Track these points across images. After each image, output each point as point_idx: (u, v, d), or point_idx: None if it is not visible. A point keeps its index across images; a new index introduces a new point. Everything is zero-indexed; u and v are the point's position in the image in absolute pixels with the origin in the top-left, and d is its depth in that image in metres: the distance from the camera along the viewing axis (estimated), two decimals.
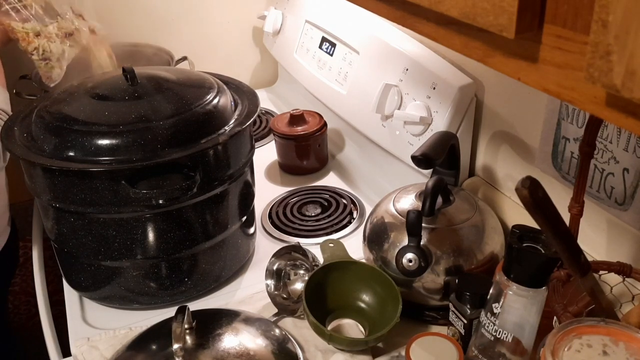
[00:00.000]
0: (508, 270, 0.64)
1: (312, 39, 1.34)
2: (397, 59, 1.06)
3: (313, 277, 0.82)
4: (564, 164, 0.82)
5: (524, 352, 0.67)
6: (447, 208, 0.85)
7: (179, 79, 0.91)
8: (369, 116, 1.11)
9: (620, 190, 0.74)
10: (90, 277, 0.89)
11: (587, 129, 0.70)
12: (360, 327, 0.84)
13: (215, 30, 1.58)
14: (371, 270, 0.85)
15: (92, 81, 0.91)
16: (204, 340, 0.76)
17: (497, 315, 0.66)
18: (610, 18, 0.29)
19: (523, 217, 0.75)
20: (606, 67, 0.30)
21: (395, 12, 0.50)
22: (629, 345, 0.56)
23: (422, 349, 0.71)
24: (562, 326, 0.58)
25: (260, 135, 1.42)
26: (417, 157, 0.81)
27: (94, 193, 0.78)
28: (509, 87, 0.91)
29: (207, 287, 0.92)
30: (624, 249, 0.77)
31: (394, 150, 1.08)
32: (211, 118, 0.84)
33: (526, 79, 0.38)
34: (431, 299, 0.83)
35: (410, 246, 0.77)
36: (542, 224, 0.52)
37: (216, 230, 0.89)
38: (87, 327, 0.88)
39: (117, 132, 0.78)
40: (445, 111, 0.96)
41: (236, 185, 0.90)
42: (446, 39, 0.45)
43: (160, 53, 1.37)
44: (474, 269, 0.81)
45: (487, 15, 0.37)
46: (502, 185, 0.98)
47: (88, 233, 0.83)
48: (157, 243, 0.84)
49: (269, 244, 1.04)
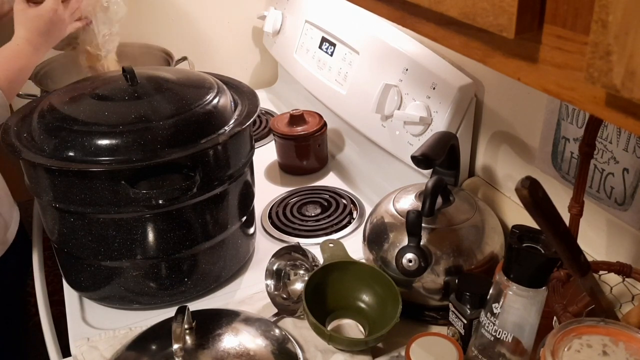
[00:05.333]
0: (508, 270, 0.64)
1: (312, 39, 1.34)
2: (397, 59, 1.06)
3: (313, 277, 0.82)
4: (563, 164, 0.82)
5: (523, 352, 0.67)
6: (447, 208, 0.85)
7: (179, 79, 0.91)
8: (368, 116, 1.11)
9: (620, 190, 0.74)
10: (90, 277, 0.89)
11: (587, 129, 0.70)
12: (360, 327, 0.84)
13: (215, 30, 1.58)
14: (371, 271, 0.85)
15: (92, 81, 0.91)
16: (204, 341, 0.76)
17: (497, 315, 0.66)
18: (610, 18, 0.29)
19: (523, 217, 0.75)
20: (606, 67, 0.30)
21: (395, 12, 0.50)
22: (629, 345, 0.56)
23: (422, 349, 0.71)
24: (562, 326, 0.58)
25: (260, 135, 1.42)
26: (417, 157, 0.81)
27: (94, 193, 0.78)
28: (509, 87, 0.90)
29: (207, 287, 0.92)
30: (624, 249, 0.77)
31: (394, 150, 1.08)
32: (211, 118, 0.84)
33: (526, 79, 0.38)
34: (431, 299, 0.83)
35: (410, 246, 0.78)
36: (542, 224, 0.52)
37: (216, 231, 0.89)
38: (87, 327, 0.88)
39: (117, 132, 0.78)
40: (445, 111, 0.96)
41: (236, 186, 0.90)
42: (446, 39, 0.45)
43: (160, 53, 1.37)
44: (474, 269, 0.81)
45: (487, 16, 0.37)
46: (502, 185, 0.98)
47: (88, 233, 0.83)
48: (157, 243, 0.84)
49: (269, 244, 1.04)
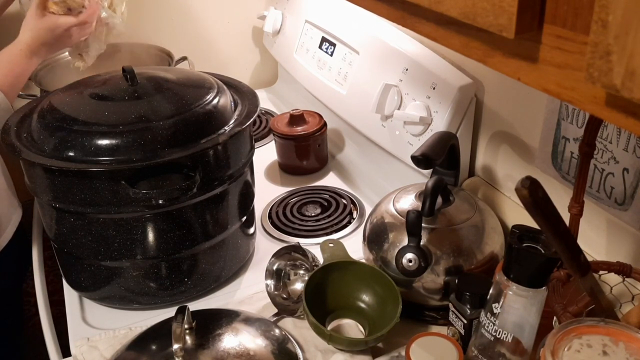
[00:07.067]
0: (508, 270, 0.64)
1: (312, 39, 1.34)
2: (397, 59, 1.06)
3: (313, 277, 0.82)
4: (563, 164, 0.82)
5: (523, 352, 0.67)
6: (447, 208, 0.85)
7: (178, 79, 0.91)
8: (368, 116, 1.11)
9: (620, 190, 0.74)
10: (90, 277, 0.89)
11: (587, 129, 0.70)
12: (360, 327, 0.84)
13: (215, 30, 1.58)
14: (371, 270, 0.85)
15: (92, 81, 0.91)
16: (204, 341, 0.76)
17: (497, 315, 0.66)
18: (610, 18, 0.29)
19: (523, 217, 0.75)
20: (606, 67, 0.30)
21: (395, 12, 0.50)
22: (629, 345, 0.56)
23: (422, 349, 0.71)
24: (562, 326, 0.58)
25: (260, 135, 1.42)
26: (417, 157, 0.81)
27: (94, 193, 0.78)
28: (509, 87, 0.90)
29: (207, 287, 0.92)
30: (624, 249, 0.77)
31: (394, 150, 1.08)
32: (211, 118, 0.84)
33: (526, 79, 0.38)
34: (431, 299, 0.83)
35: (410, 246, 0.78)
36: (542, 224, 0.52)
37: (216, 231, 0.89)
38: (87, 327, 0.88)
39: (117, 132, 0.78)
40: (445, 111, 0.96)
41: (236, 186, 0.90)
42: (446, 39, 0.45)
43: (160, 53, 1.37)
44: (474, 269, 0.81)
45: (487, 16, 0.37)
46: (502, 185, 0.98)
47: (88, 233, 0.83)
48: (157, 243, 0.84)
49: (269, 244, 1.04)
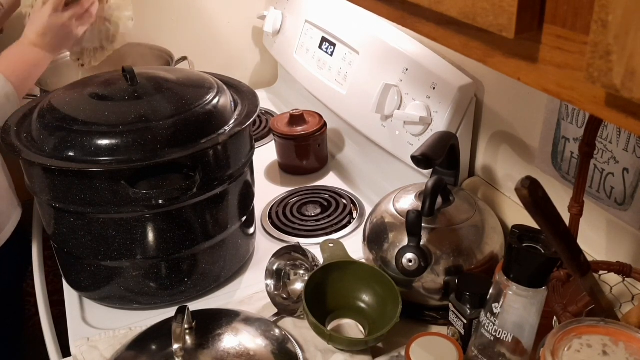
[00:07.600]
0: (508, 270, 0.64)
1: (312, 39, 1.34)
2: (397, 59, 1.06)
3: (313, 277, 0.82)
4: (563, 164, 0.82)
5: (523, 352, 0.67)
6: (447, 208, 0.85)
7: (178, 79, 0.91)
8: (368, 116, 1.11)
9: (620, 190, 0.74)
10: (90, 277, 0.89)
11: (587, 129, 0.70)
12: (360, 327, 0.84)
13: (215, 30, 1.58)
14: (371, 270, 0.85)
15: (92, 81, 0.91)
16: (204, 341, 0.76)
17: (497, 315, 0.66)
18: (610, 18, 0.29)
19: (523, 217, 0.76)
20: (606, 67, 0.30)
21: (395, 12, 0.50)
22: (629, 345, 0.56)
23: (422, 349, 0.71)
24: (562, 326, 0.58)
25: (260, 135, 1.42)
26: (417, 157, 0.81)
27: (94, 193, 0.78)
28: (509, 87, 0.90)
29: (207, 287, 0.92)
30: (624, 249, 0.77)
31: (394, 150, 1.08)
32: (211, 118, 0.84)
33: (526, 79, 0.38)
34: (431, 299, 0.83)
35: (410, 246, 0.78)
36: (542, 224, 0.52)
37: (216, 231, 0.89)
38: (87, 327, 0.88)
39: (117, 132, 0.78)
40: (445, 111, 0.96)
41: (236, 186, 0.90)
42: (446, 39, 0.45)
43: (160, 53, 1.37)
44: (474, 269, 0.81)
45: (487, 15, 0.37)
46: (502, 185, 0.98)
47: (88, 233, 0.83)
48: (157, 243, 0.84)
49: (269, 244, 1.04)
